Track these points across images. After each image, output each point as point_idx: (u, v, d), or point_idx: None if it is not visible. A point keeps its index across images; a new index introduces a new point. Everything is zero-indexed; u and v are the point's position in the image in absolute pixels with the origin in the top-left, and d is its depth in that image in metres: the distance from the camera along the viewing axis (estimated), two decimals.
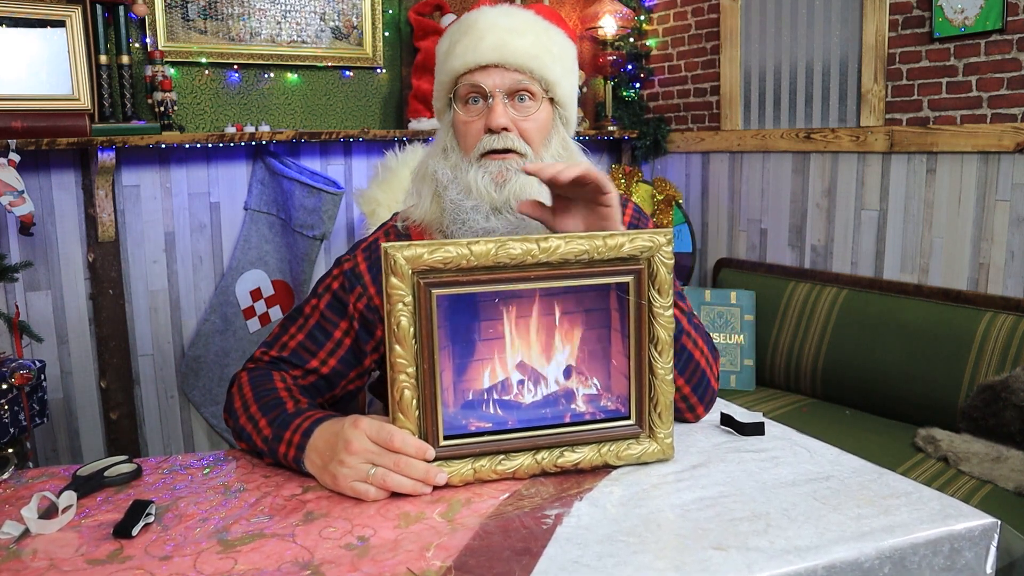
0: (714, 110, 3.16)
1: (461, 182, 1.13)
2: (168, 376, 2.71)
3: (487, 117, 1.12)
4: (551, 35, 1.17)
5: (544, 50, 1.14)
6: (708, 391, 1.19)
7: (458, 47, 1.14)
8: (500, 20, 1.14)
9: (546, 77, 1.14)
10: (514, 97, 1.14)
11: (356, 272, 1.19)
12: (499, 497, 0.95)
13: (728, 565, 0.78)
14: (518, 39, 1.13)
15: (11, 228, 2.38)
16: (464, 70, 1.13)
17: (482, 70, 1.12)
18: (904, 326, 2.38)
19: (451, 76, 1.15)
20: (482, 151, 1.12)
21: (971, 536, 0.87)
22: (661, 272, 1.00)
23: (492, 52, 1.12)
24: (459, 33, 1.15)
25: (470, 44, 1.12)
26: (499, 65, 1.12)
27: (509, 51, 1.12)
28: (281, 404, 1.07)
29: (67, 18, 2.31)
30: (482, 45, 1.12)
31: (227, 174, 2.73)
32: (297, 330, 1.19)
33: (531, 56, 1.13)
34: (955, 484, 1.90)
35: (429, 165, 1.19)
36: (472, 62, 1.12)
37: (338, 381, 1.20)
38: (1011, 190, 2.24)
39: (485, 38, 1.12)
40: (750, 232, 3.08)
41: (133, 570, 0.80)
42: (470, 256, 0.93)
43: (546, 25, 1.18)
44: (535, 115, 1.14)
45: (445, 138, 1.19)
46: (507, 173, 1.11)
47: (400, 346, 0.93)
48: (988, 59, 2.25)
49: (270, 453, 1.04)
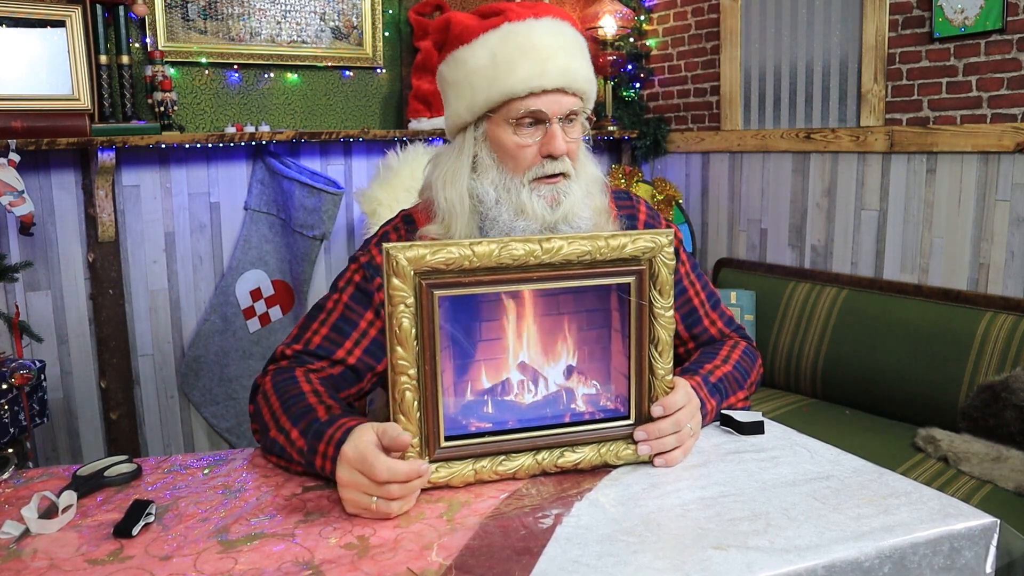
0: (714, 110, 3.16)
1: (512, 203, 1.12)
2: (168, 376, 2.71)
3: (546, 143, 1.11)
4: (586, 49, 1.17)
5: (590, 69, 1.15)
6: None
7: (519, 69, 1.09)
8: (555, 39, 1.11)
9: (591, 97, 1.15)
10: (565, 120, 1.13)
11: (374, 264, 1.18)
12: (499, 497, 0.95)
13: (728, 565, 0.78)
14: (577, 62, 1.12)
15: (11, 228, 2.38)
16: (526, 93, 1.09)
17: (544, 94, 1.10)
18: (904, 326, 2.38)
19: (504, 96, 1.10)
20: (538, 175, 1.12)
21: (971, 535, 0.87)
22: (662, 273, 1.00)
23: (559, 77, 1.10)
24: (512, 50, 1.10)
25: (534, 67, 1.08)
26: (561, 90, 1.10)
27: (572, 76, 1.11)
28: (311, 411, 1.02)
29: (67, 18, 2.31)
30: (548, 69, 1.09)
31: (227, 174, 2.73)
32: (320, 325, 1.17)
33: (587, 80, 1.14)
34: (955, 484, 1.90)
35: (464, 182, 1.14)
36: (537, 86, 1.09)
37: (365, 372, 1.17)
38: (1011, 190, 2.24)
39: (549, 61, 1.09)
40: (750, 232, 3.08)
41: (133, 570, 0.80)
42: (472, 257, 0.93)
43: (583, 41, 1.17)
44: (578, 135, 1.15)
45: (478, 152, 1.15)
46: (559, 196, 1.12)
47: (402, 347, 0.93)
48: (988, 59, 2.25)
49: (307, 466, 0.99)
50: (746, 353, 1.27)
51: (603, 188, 1.21)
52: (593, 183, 1.18)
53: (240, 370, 2.76)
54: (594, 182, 1.18)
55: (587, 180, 1.17)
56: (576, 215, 1.12)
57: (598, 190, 1.19)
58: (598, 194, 1.19)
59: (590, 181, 1.18)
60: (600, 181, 1.20)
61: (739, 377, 1.22)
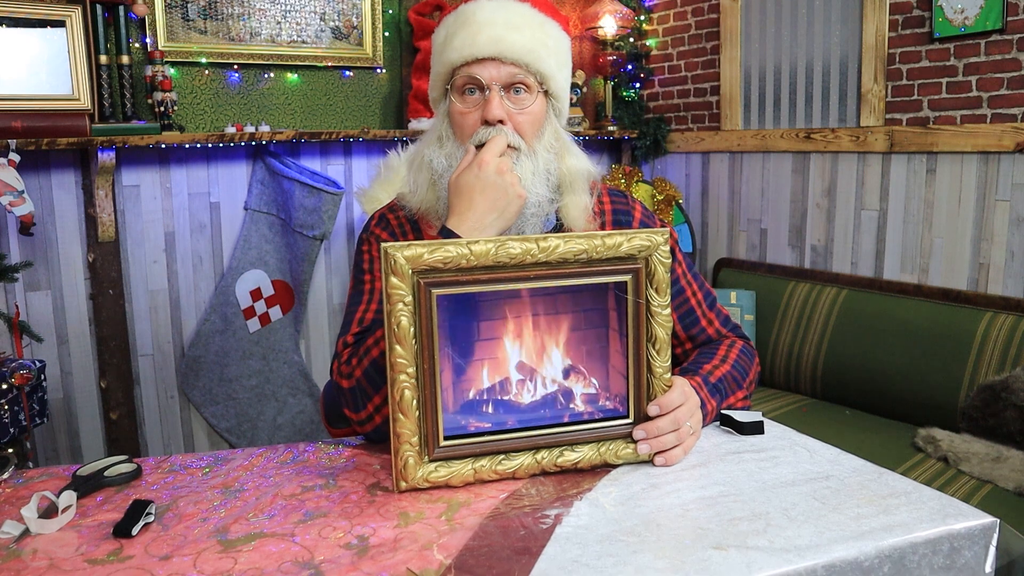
0: (714, 110, 3.16)
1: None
2: (168, 376, 2.71)
3: (483, 109, 1.14)
4: (547, 29, 1.19)
5: (540, 44, 1.16)
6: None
7: (456, 39, 1.15)
8: (497, 14, 1.15)
9: (541, 71, 1.17)
10: (510, 90, 1.16)
11: (380, 239, 1.23)
12: (499, 497, 0.95)
13: (728, 565, 0.78)
14: (515, 33, 1.15)
15: (11, 228, 2.38)
16: (461, 62, 1.15)
17: (479, 63, 1.14)
18: (904, 326, 2.38)
19: (448, 67, 1.17)
20: (477, 142, 1.14)
21: (970, 535, 0.87)
22: (659, 271, 1.00)
23: (490, 45, 1.14)
24: (456, 25, 1.17)
25: (468, 37, 1.14)
26: (496, 58, 1.14)
27: (506, 45, 1.14)
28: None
29: (67, 18, 2.31)
30: (480, 38, 1.14)
31: (227, 174, 2.73)
32: (367, 305, 1.19)
33: (527, 51, 1.15)
34: (955, 484, 1.90)
35: (424, 153, 1.21)
36: (469, 55, 1.14)
37: None
38: (1011, 190, 2.24)
39: (483, 31, 1.14)
40: (750, 232, 3.08)
41: (133, 570, 0.80)
42: (470, 256, 0.93)
43: (542, 19, 1.19)
44: (530, 108, 1.16)
45: (440, 127, 1.21)
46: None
47: (400, 346, 0.93)
48: (988, 59, 2.25)
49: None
50: (743, 352, 1.27)
51: (589, 182, 1.21)
52: (577, 176, 1.19)
53: (240, 370, 2.76)
54: (578, 175, 1.19)
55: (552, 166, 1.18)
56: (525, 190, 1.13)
57: (582, 183, 1.19)
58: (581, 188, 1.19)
59: (572, 172, 1.19)
60: (585, 174, 1.20)
61: (738, 377, 1.22)
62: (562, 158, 1.20)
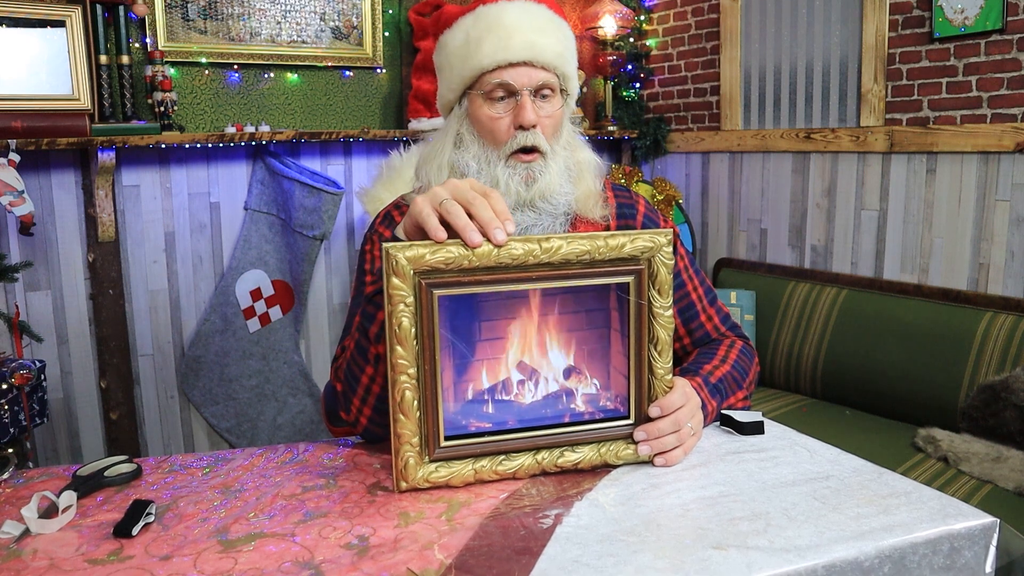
0: (714, 110, 3.16)
1: (489, 176, 1.17)
2: (168, 376, 2.71)
3: (517, 114, 1.15)
4: (565, 31, 1.22)
5: (565, 48, 1.19)
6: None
7: (485, 44, 1.15)
8: (524, 18, 1.17)
9: (566, 73, 1.19)
10: (537, 94, 1.17)
11: (384, 238, 1.23)
12: (499, 497, 0.95)
13: (728, 565, 0.78)
14: (545, 38, 1.16)
15: (11, 228, 2.38)
16: (493, 67, 1.15)
17: (511, 67, 1.15)
18: (904, 326, 2.38)
19: (475, 71, 1.16)
20: (513, 148, 1.16)
21: (971, 535, 0.87)
22: (661, 273, 1.00)
23: (524, 51, 1.15)
24: (480, 28, 1.17)
25: (498, 41, 1.15)
26: (529, 63, 1.15)
27: (539, 50, 1.15)
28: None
29: (67, 18, 2.31)
30: (512, 43, 1.14)
31: (227, 174, 2.73)
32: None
33: (556, 55, 1.17)
34: (955, 484, 1.90)
35: (446, 156, 1.21)
36: (503, 59, 1.14)
37: None
38: (1011, 190, 2.24)
39: (514, 36, 1.15)
40: (750, 232, 3.08)
41: (133, 570, 0.80)
42: (471, 256, 0.93)
43: (560, 21, 1.22)
44: (555, 111, 1.19)
45: (459, 128, 1.21)
46: (534, 174, 1.16)
47: (401, 347, 0.93)
48: (988, 59, 2.25)
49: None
50: (743, 352, 1.27)
51: (597, 172, 1.24)
52: (587, 167, 1.22)
53: (240, 370, 2.76)
54: (587, 165, 1.23)
55: (570, 161, 1.21)
56: (553, 192, 1.17)
57: (591, 173, 1.23)
58: (590, 177, 1.22)
59: (582, 164, 1.22)
60: (594, 165, 1.24)
61: (738, 377, 1.22)
62: (575, 151, 1.23)
